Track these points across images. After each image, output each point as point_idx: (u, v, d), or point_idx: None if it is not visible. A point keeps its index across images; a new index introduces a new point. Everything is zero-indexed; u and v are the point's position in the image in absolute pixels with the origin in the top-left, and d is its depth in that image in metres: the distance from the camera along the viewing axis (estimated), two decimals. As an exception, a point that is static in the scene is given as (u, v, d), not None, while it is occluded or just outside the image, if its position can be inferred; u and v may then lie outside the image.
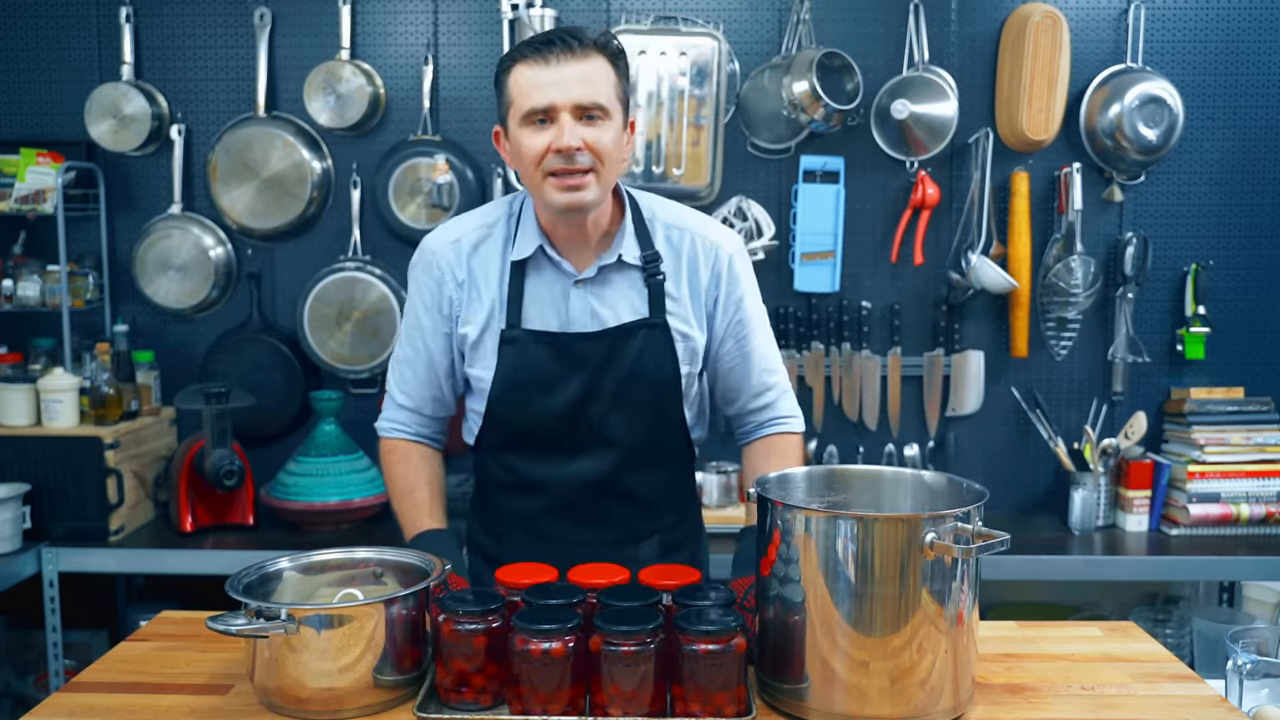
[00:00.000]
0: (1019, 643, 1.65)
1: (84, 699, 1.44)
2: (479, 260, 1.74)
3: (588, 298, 1.72)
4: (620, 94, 1.64)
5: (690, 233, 1.75)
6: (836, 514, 1.35)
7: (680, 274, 1.74)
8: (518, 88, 1.61)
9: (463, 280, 1.74)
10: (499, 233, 1.75)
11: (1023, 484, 3.34)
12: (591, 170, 1.61)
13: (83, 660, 3.07)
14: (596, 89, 1.59)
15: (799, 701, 1.37)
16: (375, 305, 3.22)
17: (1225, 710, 1.41)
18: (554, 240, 1.72)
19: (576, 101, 1.58)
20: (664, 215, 1.77)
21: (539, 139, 1.60)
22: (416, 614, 1.43)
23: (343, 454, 3.10)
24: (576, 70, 1.58)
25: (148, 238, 3.26)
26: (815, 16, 3.17)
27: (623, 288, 1.73)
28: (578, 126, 1.59)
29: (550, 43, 1.59)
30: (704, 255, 1.75)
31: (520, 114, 1.61)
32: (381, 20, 3.26)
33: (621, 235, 1.72)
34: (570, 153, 1.58)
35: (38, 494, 2.92)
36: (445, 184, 3.18)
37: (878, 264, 3.27)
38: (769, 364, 1.84)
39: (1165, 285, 3.28)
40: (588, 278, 1.71)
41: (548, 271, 1.72)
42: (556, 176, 1.60)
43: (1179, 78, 3.17)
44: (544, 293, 1.72)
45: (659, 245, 1.74)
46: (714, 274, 1.75)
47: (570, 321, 1.72)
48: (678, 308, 1.74)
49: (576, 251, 1.72)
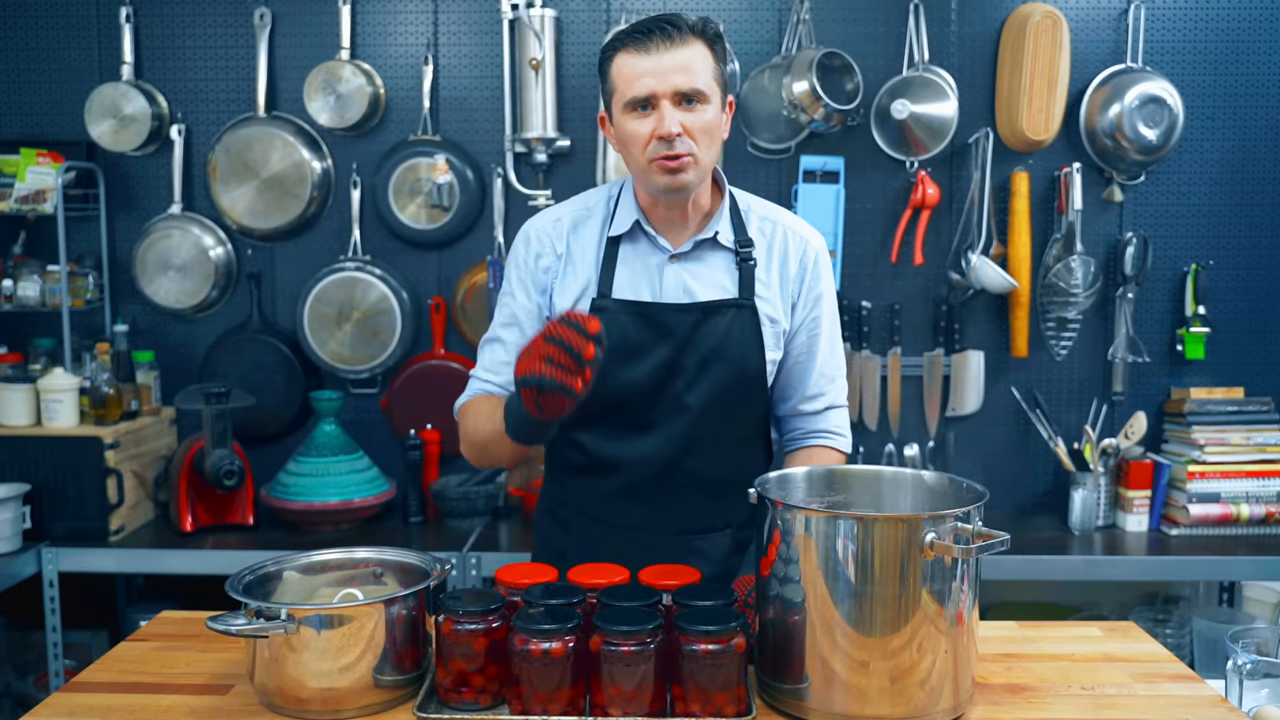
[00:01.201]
0: (1019, 643, 1.65)
1: (84, 699, 1.44)
2: (578, 237, 1.79)
3: (681, 273, 1.75)
4: (719, 77, 1.69)
5: (783, 225, 1.81)
6: (836, 514, 1.35)
7: (771, 262, 1.78)
8: (620, 76, 1.66)
9: (561, 253, 1.78)
10: (598, 213, 1.80)
11: (1023, 484, 3.34)
12: (691, 154, 1.65)
13: (83, 660, 3.07)
14: (695, 75, 1.64)
15: (799, 701, 1.37)
16: (375, 305, 3.22)
17: (1225, 710, 1.41)
18: (651, 219, 1.77)
19: (676, 88, 1.63)
20: (758, 209, 1.82)
21: (642, 126, 1.65)
22: (416, 614, 1.43)
23: (343, 454, 3.10)
24: (676, 58, 1.63)
25: (148, 238, 3.26)
26: (815, 16, 3.17)
27: (716, 266, 1.76)
28: (677, 112, 1.64)
29: (650, 31, 1.64)
30: (794, 246, 1.79)
31: (623, 102, 1.66)
32: (381, 20, 3.26)
33: (719, 216, 1.77)
34: (671, 139, 1.63)
35: (38, 494, 2.92)
36: (445, 184, 3.19)
37: (878, 264, 3.27)
38: (830, 370, 1.84)
39: (1165, 285, 3.28)
40: (683, 252, 1.75)
41: (643, 246, 1.77)
42: (659, 161, 1.65)
43: (1179, 78, 3.17)
44: (638, 266, 1.76)
45: (752, 234, 1.79)
46: (801, 265, 1.79)
47: (663, 294, 1.75)
48: (767, 292, 1.77)
49: (673, 230, 1.76)
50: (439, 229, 3.24)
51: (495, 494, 3.16)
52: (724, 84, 1.71)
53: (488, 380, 1.82)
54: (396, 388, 3.28)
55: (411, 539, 3.02)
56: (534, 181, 3.25)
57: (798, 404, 1.84)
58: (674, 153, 1.64)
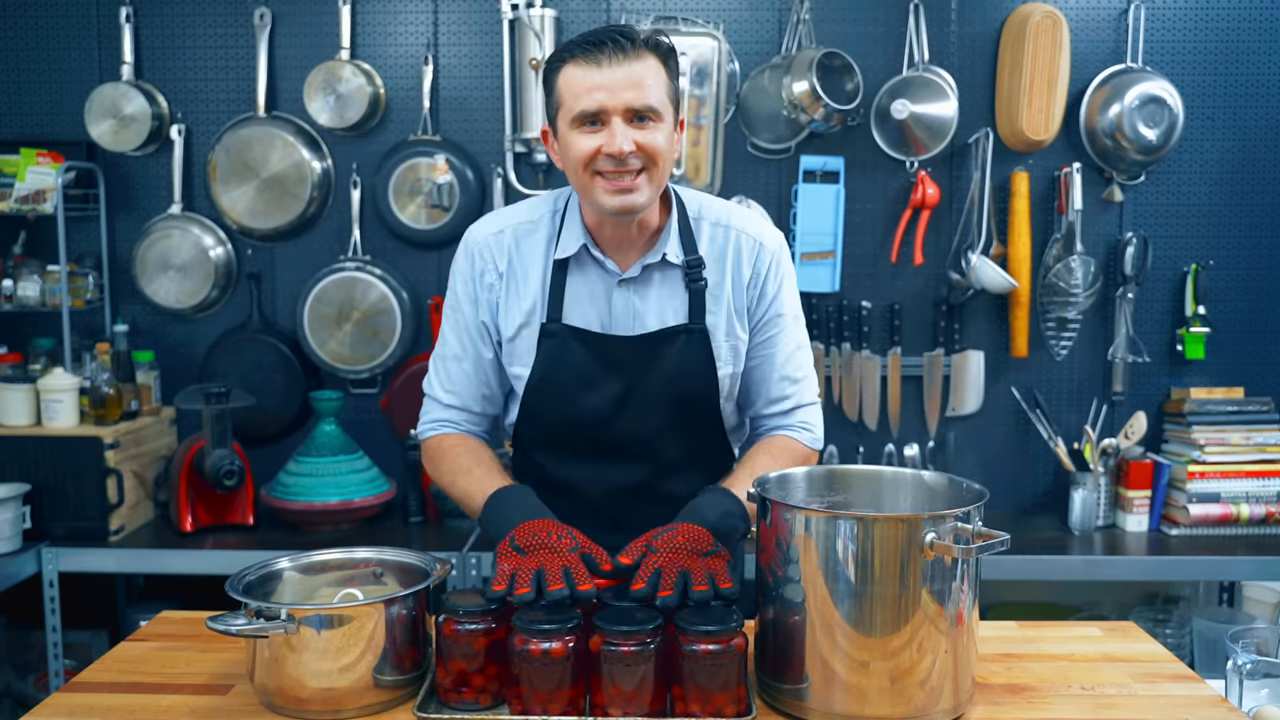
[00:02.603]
0: (1019, 643, 1.65)
1: (84, 699, 1.44)
2: (521, 254, 1.73)
3: (631, 297, 1.71)
4: (671, 94, 1.62)
5: (736, 230, 1.74)
6: (836, 514, 1.35)
7: (725, 271, 1.73)
8: (568, 89, 1.58)
9: (503, 271, 1.73)
10: (543, 229, 1.73)
11: (1023, 484, 3.34)
12: (643, 171, 1.59)
13: (83, 660, 3.07)
14: (648, 91, 1.57)
15: (799, 701, 1.37)
16: (375, 305, 3.22)
17: (1225, 710, 1.41)
18: (598, 240, 1.70)
19: (628, 105, 1.56)
20: (710, 214, 1.76)
21: (589, 141, 1.58)
22: (416, 614, 1.43)
23: (343, 454, 3.10)
24: (628, 72, 1.56)
25: (148, 238, 3.26)
26: (815, 16, 3.17)
27: (665, 289, 1.72)
28: (629, 129, 1.57)
29: (601, 43, 1.56)
30: (747, 252, 1.74)
31: (570, 116, 1.59)
32: (381, 20, 3.26)
33: (667, 235, 1.71)
34: (623, 156, 1.57)
35: (38, 494, 2.92)
36: (445, 184, 3.19)
37: (878, 264, 3.27)
38: (793, 371, 1.79)
39: (1165, 285, 3.28)
40: (631, 277, 1.70)
41: (591, 270, 1.71)
42: (606, 178, 1.59)
43: (1179, 78, 3.17)
44: (586, 292, 1.71)
45: (703, 246, 1.73)
46: (755, 271, 1.74)
47: (612, 321, 1.71)
48: (719, 307, 1.72)
49: (621, 251, 1.71)
50: (439, 229, 3.24)
51: (495, 494, 3.16)
52: (676, 103, 1.64)
53: (449, 404, 1.78)
54: (396, 388, 3.28)
55: (411, 539, 3.02)
56: (534, 181, 3.25)
57: (762, 408, 1.81)
58: (623, 169, 1.57)
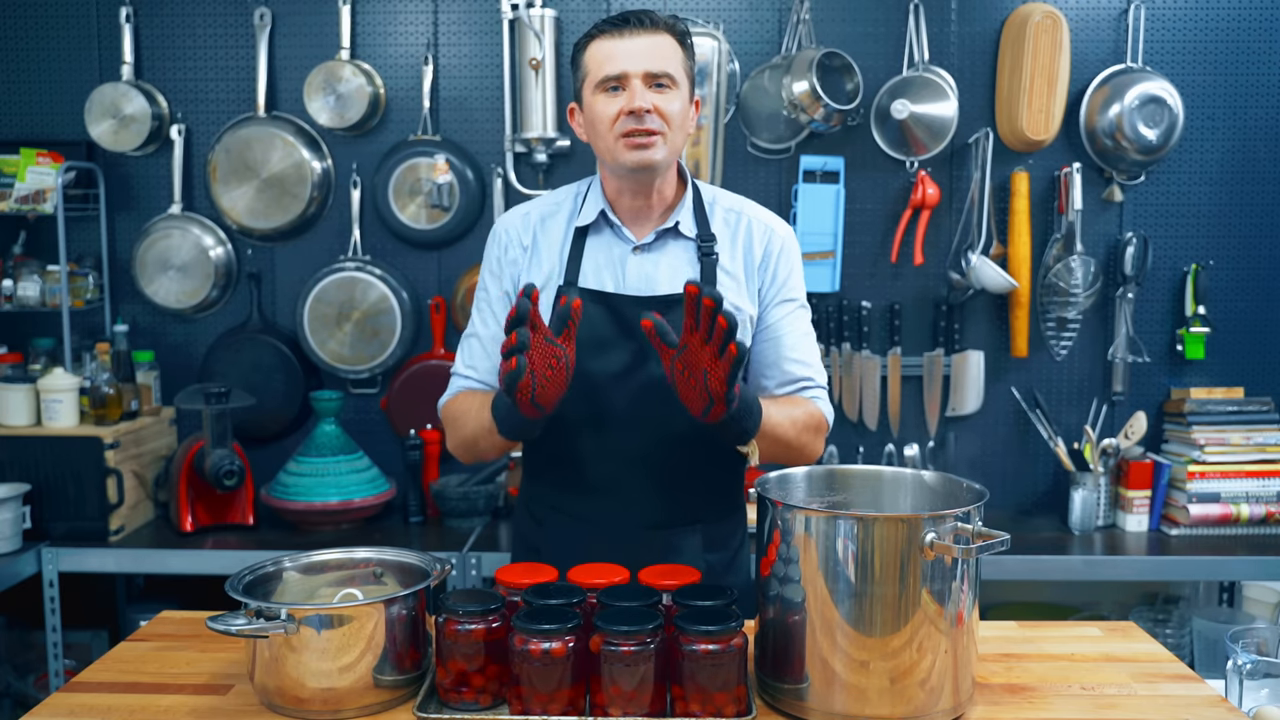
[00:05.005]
0: (1019, 643, 1.65)
1: (84, 699, 1.44)
2: (545, 230, 1.84)
3: (644, 264, 1.79)
4: (687, 70, 1.77)
5: (748, 216, 1.85)
6: (836, 514, 1.35)
7: (735, 250, 1.82)
8: (593, 59, 1.74)
9: (527, 245, 1.84)
10: (566, 207, 1.86)
11: (1023, 484, 3.34)
12: (660, 133, 1.71)
13: (83, 660, 3.07)
14: (666, 60, 1.72)
15: (799, 701, 1.37)
16: (375, 305, 3.22)
17: (1225, 710, 1.41)
18: (617, 209, 1.82)
19: (647, 69, 1.71)
20: (724, 201, 1.87)
21: (612, 104, 1.71)
22: (416, 614, 1.43)
23: (343, 454, 3.10)
24: (648, 42, 1.72)
25: (148, 238, 3.26)
26: (815, 16, 3.17)
27: (678, 257, 1.80)
28: (648, 92, 1.71)
29: (625, 20, 1.73)
30: (759, 234, 1.83)
31: (595, 82, 1.73)
32: (381, 20, 3.26)
33: (681, 207, 1.81)
34: (640, 114, 1.69)
35: (38, 494, 2.92)
36: (445, 184, 3.19)
37: (878, 264, 3.27)
38: (803, 355, 1.83)
39: (1165, 285, 3.28)
40: (646, 243, 1.80)
41: (608, 236, 1.82)
42: (628, 137, 1.71)
43: (1179, 78, 3.17)
44: (603, 257, 1.81)
45: (716, 226, 1.83)
46: (766, 251, 1.83)
47: (625, 285, 1.79)
48: (730, 281, 1.80)
49: (638, 221, 1.81)
50: (439, 229, 3.24)
51: (495, 494, 3.16)
52: (692, 80, 1.78)
53: (468, 376, 1.86)
54: (396, 388, 3.28)
55: (411, 539, 3.02)
56: (534, 181, 3.25)
57: (775, 389, 1.83)
58: (643, 127, 1.69)
